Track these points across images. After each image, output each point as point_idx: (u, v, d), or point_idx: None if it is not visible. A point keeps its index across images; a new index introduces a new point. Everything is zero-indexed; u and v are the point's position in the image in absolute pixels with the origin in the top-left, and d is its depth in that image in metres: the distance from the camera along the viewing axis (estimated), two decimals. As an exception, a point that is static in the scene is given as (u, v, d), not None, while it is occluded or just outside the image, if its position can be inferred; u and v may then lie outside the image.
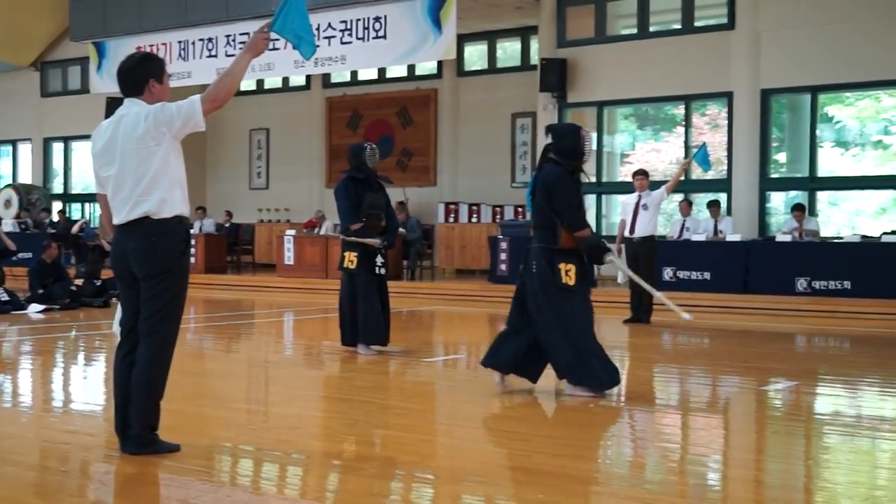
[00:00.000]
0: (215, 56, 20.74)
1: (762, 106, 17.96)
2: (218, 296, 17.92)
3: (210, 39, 20.87)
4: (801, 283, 15.11)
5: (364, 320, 9.25)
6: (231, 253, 22.96)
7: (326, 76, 24.80)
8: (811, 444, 5.85)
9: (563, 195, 7.08)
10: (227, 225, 23.17)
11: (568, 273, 7.05)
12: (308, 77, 24.91)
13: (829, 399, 7.26)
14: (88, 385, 8.34)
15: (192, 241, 20.91)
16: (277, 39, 5.49)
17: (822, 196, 18.56)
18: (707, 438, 6.30)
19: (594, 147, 7.26)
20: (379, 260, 9.37)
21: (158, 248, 5.18)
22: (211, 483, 4.85)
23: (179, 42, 21.43)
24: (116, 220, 5.28)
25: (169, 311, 5.23)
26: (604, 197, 20.18)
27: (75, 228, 15.59)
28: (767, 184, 18.19)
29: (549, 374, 8.93)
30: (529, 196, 7.30)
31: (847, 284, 14.92)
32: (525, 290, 7.23)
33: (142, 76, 5.29)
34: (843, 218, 19.85)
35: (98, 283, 15.25)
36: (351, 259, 9.34)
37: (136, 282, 5.23)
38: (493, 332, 13.03)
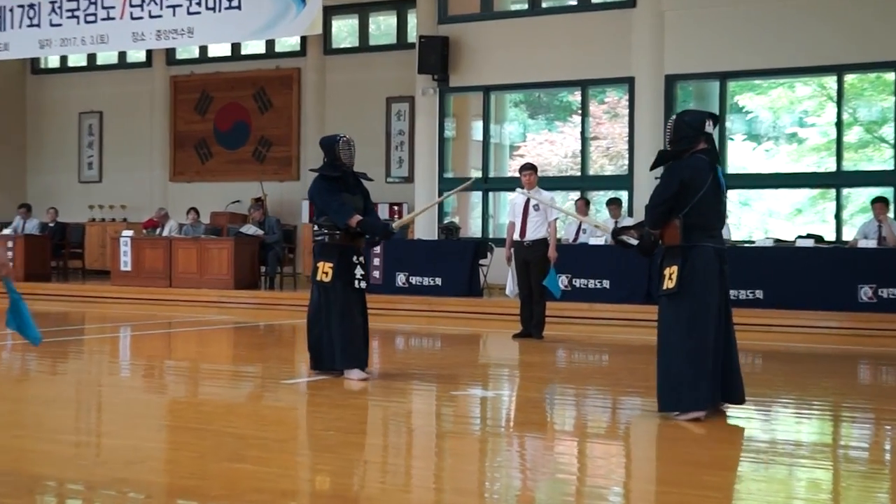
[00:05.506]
0: (38, 26, 20.16)
1: (666, 93, 18.35)
2: (41, 308, 17.44)
3: (32, 6, 20.29)
4: (710, 293, 15.42)
5: (342, 342, 8.94)
6: (56, 257, 22.42)
7: (171, 52, 24.46)
8: (720, 473, 5.97)
9: None
10: (52, 224, 22.60)
11: None
12: (149, 53, 24.54)
13: (740, 422, 7.43)
14: None
15: (10, 244, 20.36)
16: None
17: (733, 195, 18.96)
18: (606, 468, 6.39)
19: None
20: (358, 272, 9.06)
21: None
22: (31, 530, 4.72)
23: (-6, 9, 20.85)
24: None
25: (-20, 327, 5.08)
26: (490, 195, 20.32)
27: None
28: (673, 181, 18.50)
29: (423, 398, 8.96)
30: None
31: (759, 294, 15.26)
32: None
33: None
34: (755, 220, 20.44)
35: None
36: (325, 270, 8.96)
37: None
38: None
